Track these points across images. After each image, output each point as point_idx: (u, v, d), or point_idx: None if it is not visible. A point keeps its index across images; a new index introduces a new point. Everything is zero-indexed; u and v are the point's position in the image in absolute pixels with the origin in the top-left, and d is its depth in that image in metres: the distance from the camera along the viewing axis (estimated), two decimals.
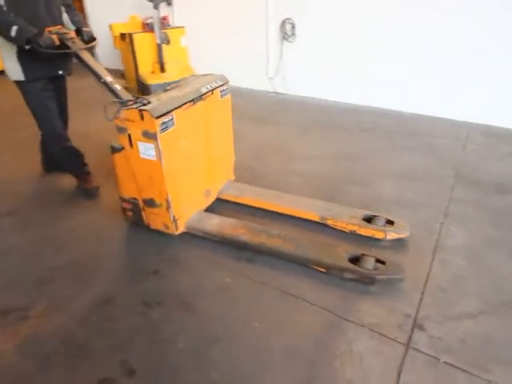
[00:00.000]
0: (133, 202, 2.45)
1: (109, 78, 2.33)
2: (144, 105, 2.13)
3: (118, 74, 4.71)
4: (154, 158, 2.17)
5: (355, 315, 1.91)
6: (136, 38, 4.71)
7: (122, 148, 2.27)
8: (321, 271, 2.14)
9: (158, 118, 2.09)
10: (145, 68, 4.91)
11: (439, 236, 2.44)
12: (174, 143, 2.26)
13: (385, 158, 3.51)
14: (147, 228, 2.49)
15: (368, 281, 2.06)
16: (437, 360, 1.68)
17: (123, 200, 2.49)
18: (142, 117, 2.08)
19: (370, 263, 2.10)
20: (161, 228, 2.45)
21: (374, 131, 4.08)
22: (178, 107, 2.23)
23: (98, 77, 2.33)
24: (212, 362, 1.70)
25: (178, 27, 5.13)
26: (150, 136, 2.12)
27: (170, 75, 4.71)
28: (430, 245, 2.37)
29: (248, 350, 1.75)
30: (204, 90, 2.44)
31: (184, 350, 1.76)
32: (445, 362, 1.67)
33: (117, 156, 2.33)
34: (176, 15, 5.72)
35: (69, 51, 2.39)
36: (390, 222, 2.43)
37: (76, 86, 3.44)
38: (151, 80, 4.77)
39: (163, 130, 2.13)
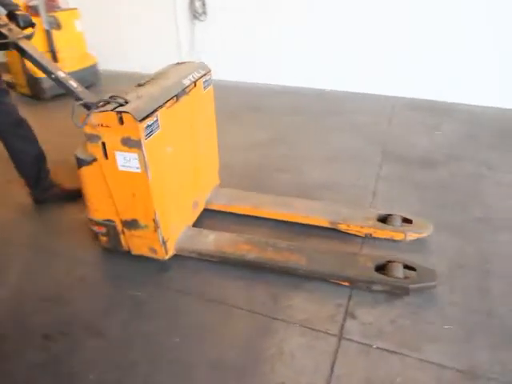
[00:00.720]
0: (108, 224, 2.13)
1: (61, 73, 2.02)
2: (121, 105, 1.81)
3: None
4: (138, 171, 1.88)
5: (285, 313, 1.89)
6: None
7: (93, 160, 1.94)
8: (344, 285, 2.00)
9: (141, 120, 1.77)
10: None
11: None
12: (160, 150, 1.97)
13: (311, 140, 3.56)
14: (127, 254, 2.20)
15: (400, 292, 1.94)
16: (369, 347, 1.72)
17: (95, 223, 2.16)
18: (121, 120, 1.77)
19: (399, 271, 1.97)
20: (146, 253, 2.16)
21: (299, 113, 4.11)
22: (162, 105, 1.94)
23: (47, 72, 2.02)
24: None
25: (70, 9, 4.83)
26: (132, 144, 1.81)
27: (64, 65, 4.42)
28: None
29: (169, 371, 1.66)
30: (187, 83, 2.15)
31: (95, 382, 1.63)
32: (377, 348, 1.71)
33: (85, 170, 1.99)
34: None
35: (4, 41, 2.05)
36: (407, 221, 2.33)
37: None
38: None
39: (148, 135, 1.83)
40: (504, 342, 1.75)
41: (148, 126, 1.83)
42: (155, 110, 1.88)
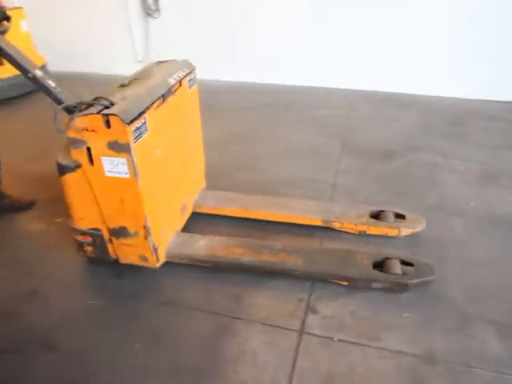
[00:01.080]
0: (94, 233, 2.04)
1: (39, 72, 1.88)
2: (106, 107, 1.74)
3: None
4: (127, 176, 1.81)
5: (247, 312, 1.89)
6: None
7: (77, 166, 1.85)
8: (342, 284, 2.00)
9: (130, 123, 1.71)
10: None
11: None
12: (149, 154, 1.91)
13: (269, 136, 3.58)
14: (114, 263, 2.12)
15: (399, 288, 1.96)
16: (331, 339, 1.75)
17: (79, 233, 2.06)
18: (107, 124, 1.70)
19: (396, 267, 2.00)
20: (136, 261, 2.09)
21: (257, 109, 4.13)
22: (150, 106, 1.87)
23: (23, 70, 1.88)
24: None
25: (14, 8, 4.65)
26: (120, 148, 1.75)
27: (10, 68, 4.27)
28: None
29: (130, 379, 1.64)
30: (172, 82, 2.10)
31: None
32: (338, 340, 1.75)
33: (69, 177, 1.89)
34: None
35: None
36: (400, 216, 2.36)
37: None
38: None
39: (137, 138, 1.77)
40: (459, 325, 1.82)
41: (136, 129, 1.78)
42: (143, 112, 1.82)
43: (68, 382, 1.65)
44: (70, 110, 1.77)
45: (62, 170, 1.90)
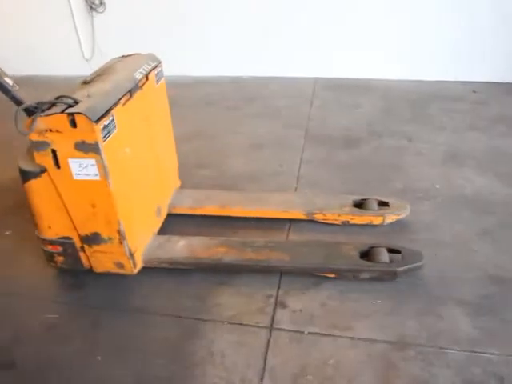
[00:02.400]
0: (64, 242, 1.98)
1: None
2: (70, 106, 1.70)
3: None
4: (97, 178, 1.77)
5: (213, 312, 1.90)
6: None
7: (42, 171, 1.79)
8: (329, 277, 2.02)
9: (97, 121, 1.67)
10: None
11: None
12: (119, 153, 1.87)
13: (229, 130, 3.55)
14: (88, 272, 2.06)
15: (389, 277, 1.99)
16: (301, 333, 1.77)
17: (48, 242, 2.00)
18: (73, 123, 1.66)
19: (383, 255, 2.03)
20: (112, 269, 2.03)
21: (216, 103, 4.11)
22: (117, 103, 1.83)
23: None
24: None
25: None
26: (88, 148, 1.71)
27: None
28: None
29: None
30: (139, 76, 2.05)
31: None
32: (309, 333, 1.77)
33: (34, 183, 1.83)
34: None
35: None
36: (383, 204, 2.40)
37: None
38: None
39: (105, 136, 1.74)
40: (430, 308, 1.88)
41: (105, 127, 1.73)
42: (110, 109, 1.77)
43: None
44: (31, 111, 1.70)
45: (26, 176, 1.84)
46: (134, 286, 2.07)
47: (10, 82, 1.79)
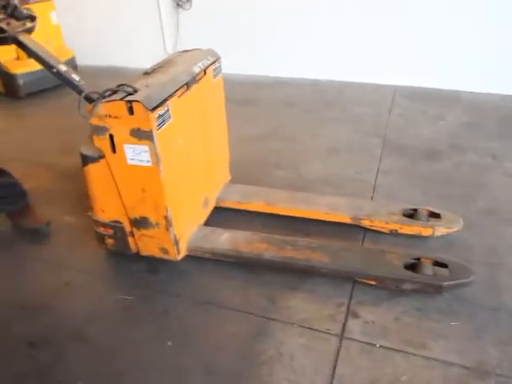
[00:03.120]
0: (115, 225, 2.12)
1: (63, 67, 2.02)
2: (130, 94, 1.82)
3: None
4: (149, 164, 1.87)
5: (284, 314, 1.91)
6: None
7: (101, 156, 1.94)
8: (370, 284, 2.01)
9: (153, 110, 1.77)
10: (6, 54, 4.39)
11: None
12: (172, 142, 1.97)
13: (307, 133, 3.57)
14: (136, 255, 2.20)
15: (433, 290, 1.94)
16: (372, 346, 1.74)
17: (101, 225, 2.15)
18: (130, 110, 1.77)
19: (428, 268, 1.98)
20: (156, 253, 2.15)
21: (294, 105, 4.13)
22: (173, 94, 1.93)
23: (48, 66, 2.01)
24: None
25: (45, 1, 4.87)
26: (142, 135, 1.81)
27: None
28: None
29: (162, 376, 1.69)
30: (197, 70, 2.15)
31: None
32: (381, 346, 1.74)
33: (92, 167, 1.98)
34: None
35: (3, 35, 2.03)
36: (434, 215, 2.34)
37: None
38: (17, 68, 4.34)
39: (160, 125, 1.84)
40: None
41: (159, 116, 1.83)
42: (166, 99, 1.88)
43: (97, 379, 1.72)
44: (91, 99, 1.87)
45: (85, 160, 1.98)
46: (206, 279, 2.17)
47: (76, 77, 2.02)
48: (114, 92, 1.87)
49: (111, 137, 1.88)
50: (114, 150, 1.91)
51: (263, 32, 4.69)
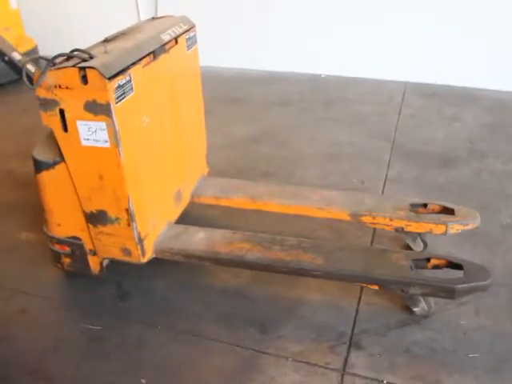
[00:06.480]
0: (73, 242, 2.06)
1: (16, 55, 2.05)
2: (84, 60, 1.73)
3: None
4: (107, 145, 1.79)
5: (275, 345, 1.89)
6: None
7: (56, 162, 1.88)
8: (372, 289, 1.96)
9: (111, 78, 1.68)
10: None
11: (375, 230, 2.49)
12: (135, 120, 1.88)
13: (304, 136, 3.57)
14: (102, 277, 2.16)
15: (445, 295, 1.88)
16: (379, 382, 1.73)
17: (56, 241, 2.10)
18: (84, 79, 1.68)
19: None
20: (117, 255, 2.05)
21: (288, 104, 4.14)
22: (136, 63, 1.85)
23: None
24: None
25: None
26: (98, 109, 1.73)
27: None
28: (368, 237, 2.47)
29: None
30: (167, 38, 2.07)
31: None
32: (388, 383, 1.73)
33: (46, 175, 1.93)
34: None
35: None
36: (447, 210, 2.26)
37: None
38: None
39: (119, 98, 1.74)
40: None
41: (119, 87, 1.74)
42: (128, 68, 1.79)
43: None
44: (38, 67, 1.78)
45: (38, 166, 1.93)
46: (186, 304, 2.14)
47: (32, 69, 1.96)
48: (67, 59, 1.78)
49: (62, 112, 1.79)
50: (65, 128, 1.82)
51: (254, 18, 4.69)
